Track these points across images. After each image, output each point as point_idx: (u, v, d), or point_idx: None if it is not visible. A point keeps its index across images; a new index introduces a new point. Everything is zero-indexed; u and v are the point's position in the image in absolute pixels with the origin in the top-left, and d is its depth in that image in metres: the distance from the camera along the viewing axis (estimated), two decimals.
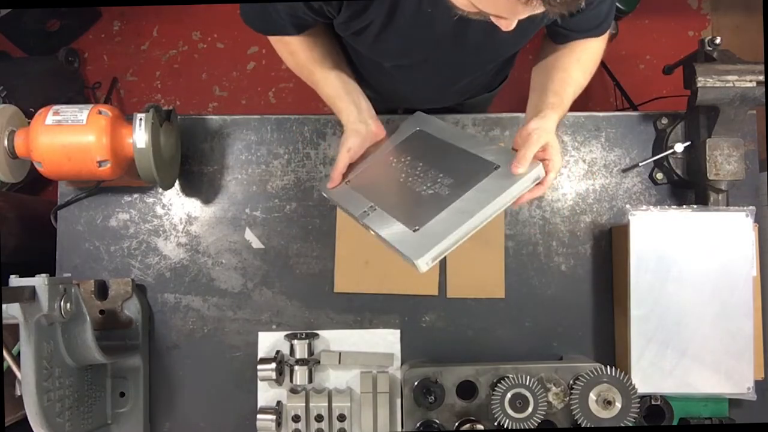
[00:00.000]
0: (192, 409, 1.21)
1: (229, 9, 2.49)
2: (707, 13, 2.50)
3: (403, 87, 1.15)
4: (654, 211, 1.14)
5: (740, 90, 1.11)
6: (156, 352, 1.22)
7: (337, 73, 1.04)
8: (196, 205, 1.26)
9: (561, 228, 1.25)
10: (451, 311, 1.23)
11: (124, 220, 1.24)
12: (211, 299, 1.23)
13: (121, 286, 1.17)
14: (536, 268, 1.24)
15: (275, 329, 1.22)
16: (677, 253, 1.13)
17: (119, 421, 1.15)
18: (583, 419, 1.06)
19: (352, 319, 1.23)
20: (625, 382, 1.06)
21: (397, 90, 1.18)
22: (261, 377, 1.16)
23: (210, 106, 2.49)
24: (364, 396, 1.13)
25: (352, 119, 1.03)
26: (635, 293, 1.13)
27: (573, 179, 1.27)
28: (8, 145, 1.04)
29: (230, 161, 1.26)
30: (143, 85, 2.51)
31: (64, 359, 1.00)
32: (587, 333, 1.23)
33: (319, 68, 1.03)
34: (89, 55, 2.51)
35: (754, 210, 1.12)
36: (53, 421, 0.95)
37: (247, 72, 2.50)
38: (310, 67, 1.03)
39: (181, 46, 2.52)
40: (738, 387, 1.11)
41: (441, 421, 1.10)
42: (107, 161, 1.03)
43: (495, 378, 1.10)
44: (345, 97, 1.04)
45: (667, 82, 1.75)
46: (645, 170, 1.26)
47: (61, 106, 1.05)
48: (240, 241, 1.24)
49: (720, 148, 1.16)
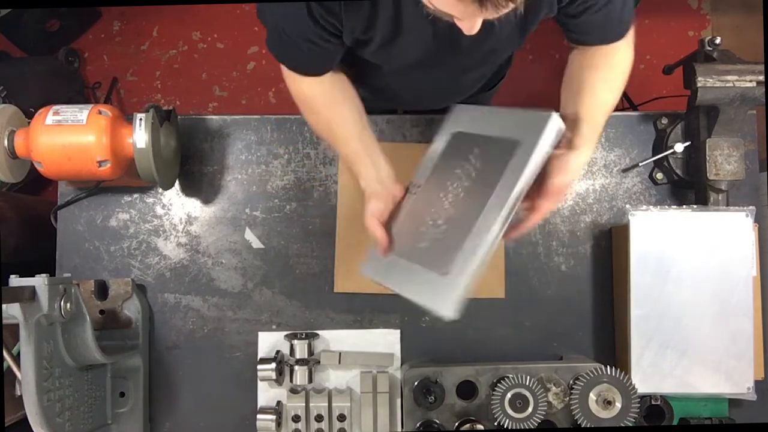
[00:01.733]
0: (192, 409, 1.21)
1: (229, 9, 2.49)
2: (707, 13, 2.50)
3: (400, 88, 1.15)
4: (654, 211, 1.14)
5: (740, 90, 1.11)
6: (156, 352, 1.22)
7: (359, 132, 0.99)
8: (196, 205, 1.26)
9: (561, 228, 1.25)
10: None
11: (124, 220, 1.24)
12: (211, 299, 1.23)
13: (121, 286, 1.17)
14: (536, 268, 1.24)
15: (275, 329, 1.22)
16: (677, 253, 1.13)
17: (119, 421, 1.15)
18: (583, 419, 1.06)
19: (352, 319, 1.23)
20: (625, 382, 1.06)
21: (395, 91, 1.18)
22: (261, 377, 1.16)
23: (210, 106, 2.49)
24: (364, 396, 1.13)
25: (371, 181, 0.97)
26: (635, 293, 1.13)
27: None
28: (8, 145, 1.04)
29: (230, 161, 1.26)
30: (143, 85, 2.51)
31: (64, 359, 1.00)
32: (587, 333, 1.23)
33: (337, 124, 0.99)
34: (89, 55, 2.51)
35: (754, 210, 1.12)
36: (53, 421, 0.95)
37: (247, 72, 2.50)
38: (331, 124, 0.99)
39: (181, 46, 2.52)
40: (738, 387, 1.11)
41: (441, 421, 1.10)
42: (107, 161, 1.04)
43: (495, 378, 1.10)
44: (365, 158, 0.98)
45: (667, 82, 1.75)
46: (645, 170, 1.26)
47: (61, 106, 1.05)
48: (240, 241, 1.24)
49: (720, 148, 1.16)
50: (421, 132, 1.27)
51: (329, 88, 0.99)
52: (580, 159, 0.89)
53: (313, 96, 0.99)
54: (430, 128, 1.27)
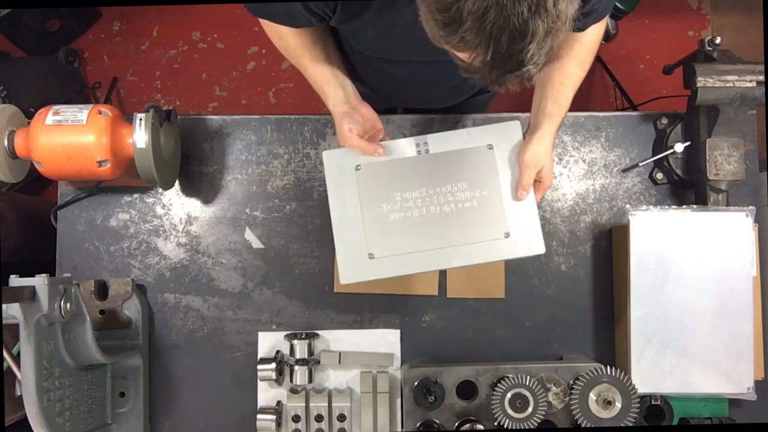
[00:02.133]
0: (192, 409, 1.21)
1: (229, 9, 2.49)
2: (707, 13, 2.50)
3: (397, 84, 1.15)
4: (654, 211, 1.14)
5: (740, 90, 1.11)
6: (156, 352, 1.22)
7: (327, 60, 1.03)
8: (196, 205, 1.25)
9: (561, 228, 1.25)
10: (451, 311, 1.23)
11: (124, 220, 1.24)
12: (211, 299, 1.23)
13: (121, 286, 1.17)
14: (536, 268, 1.24)
15: (275, 329, 1.22)
16: (677, 253, 1.13)
17: (119, 421, 1.15)
18: (583, 419, 1.06)
19: (352, 319, 1.23)
20: (625, 382, 1.06)
21: (393, 87, 1.18)
22: (261, 377, 1.16)
23: (210, 106, 2.49)
24: (364, 396, 1.13)
25: (339, 102, 1.02)
26: (635, 293, 1.13)
27: (573, 179, 1.27)
28: (8, 145, 1.04)
29: (230, 161, 1.26)
30: (143, 85, 2.51)
31: (64, 359, 1.00)
32: (587, 333, 1.23)
33: (308, 55, 1.02)
34: (89, 55, 2.51)
35: (754, 210, 1.12)
36: (53, 421, 0.95)
37: (247, 72, 2.50)
38: (299, 52, 1.02)
39: (181, 46, 2.52)
40: (738, 387, 1.11)
41: (441, 421, 1.10)
42: (107, 161, 1.03)
43: (495, 378, 1.10)
44: (332, 80, 1.02)
45: (667, 82, 1.76)
46: (645, 170, 1.26)
47: (61, 106, 1.05)
48: (240, 241, 1.24)
49: (720, 148, 1.16)
50: (421, 132, 1.27)
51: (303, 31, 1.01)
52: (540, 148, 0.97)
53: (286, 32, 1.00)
54: (430, 128, 1.27)
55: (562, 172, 1.27)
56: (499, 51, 0.63)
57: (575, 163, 1.27)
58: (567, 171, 1.27)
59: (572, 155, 1.27)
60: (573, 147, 1.27)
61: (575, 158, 1.27)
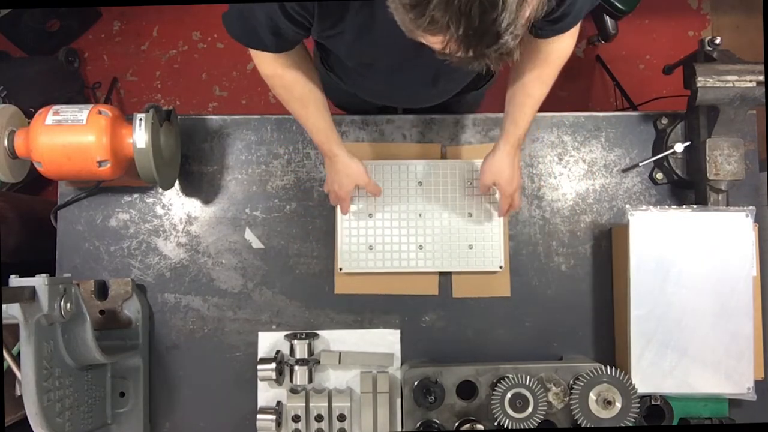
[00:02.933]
0: (192, 409, 1.21)
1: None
2: (707, 13, 2.50)
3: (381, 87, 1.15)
4: (654, 211, 1.14)
5: (740, 90, 1.11)
6: (156, 352, 1.22)
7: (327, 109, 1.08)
8: (196, 205, 1.26)
9: (561, 228, 1.25)
10: (451, 311, 1.23)
11: (124, 220, 1.24)
12: (211, 299, 1.23)
13: (121, 286, 1.17)
14: (536, 268, 1.24)
15: (275, 329, 1.22)
16: (677, 253, 1.13)
17: (119, 421, 1.15)
18: (583, 419, 1.06)
19: (352, 319, 1.23)
20: (625, 382, 1.06)
21: (376, 90, 1.17)
22: (261, 377, 1.16)
23: (210, 106, 2.49)
24: (364, 396, 1.13)
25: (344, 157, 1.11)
26: (635, 293, 1.13)
27: (573, 179, 1.27)
28: (8, 145, 1.04)
29: (230, 161, 1.26)
30: (143, 85, 2.50)
31: (64, 359, 1.00)
32: (587, 333, 1.23)
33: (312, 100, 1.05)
34: (89, 55, 2.51)
35: (754, 210, 1.12)
36: (53, 421, 0.95)
37: (247, 72, 2.50)
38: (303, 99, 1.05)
39: (181, 46, 2.52)
40: (738, 387, 1.11)
41: (441, 421, 1.10)
42: (107, 161, 1.03)
43: (495, 378, 1.10)
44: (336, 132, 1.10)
45: (667, 82, 1.76)
46: (645, 170, 1.26)
47: (61, 106, 1.05)
48: (240, 241, 1.24)
49: (720, 148, 1.16)
50: (421, 132, 1.27)
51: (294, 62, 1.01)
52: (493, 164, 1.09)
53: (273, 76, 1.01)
54: (431, 128, 1.27)
55: (562, 172, 1.27)
56: (472, 25, 0.59)
57: (575, 163, 1.27)
58: (567, 171, 1.27)
59: (572, 155, 1.27)
60: (573, 147, 1.27)
61: (575, 158, 1.27)
